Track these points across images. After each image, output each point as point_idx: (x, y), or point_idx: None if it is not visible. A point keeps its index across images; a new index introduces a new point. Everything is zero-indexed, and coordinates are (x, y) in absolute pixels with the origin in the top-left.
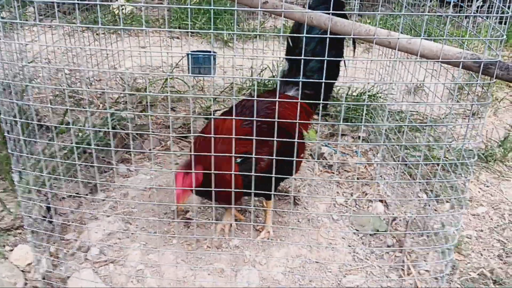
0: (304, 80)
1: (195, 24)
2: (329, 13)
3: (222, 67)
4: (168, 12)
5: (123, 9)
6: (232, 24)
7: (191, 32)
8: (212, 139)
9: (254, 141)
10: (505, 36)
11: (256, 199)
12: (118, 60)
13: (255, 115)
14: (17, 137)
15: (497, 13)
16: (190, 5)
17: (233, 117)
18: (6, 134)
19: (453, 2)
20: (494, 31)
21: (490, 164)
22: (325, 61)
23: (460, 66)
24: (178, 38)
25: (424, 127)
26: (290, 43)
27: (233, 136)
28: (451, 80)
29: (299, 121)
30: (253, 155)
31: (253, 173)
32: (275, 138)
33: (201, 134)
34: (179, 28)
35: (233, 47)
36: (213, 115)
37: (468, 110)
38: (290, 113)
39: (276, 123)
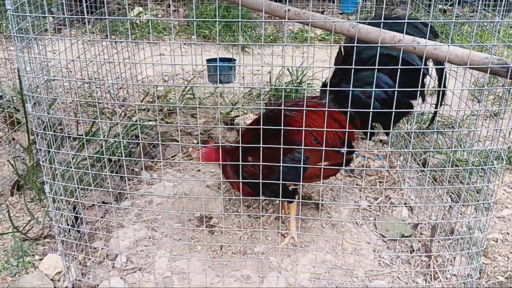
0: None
1: (212, 31)
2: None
3: (240, 72)
4: (185, 19)
5: (140, 17)
6: (248, 30)
7: (208, 37)
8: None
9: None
10: None
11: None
12: (140, 69)
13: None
14: (47, 149)
15: None
16: (205, 12)
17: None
18: (38, 146)
19: (470, 1)
20: None
21: None
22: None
23: (488, 72)
24: (195, 45)
25: (444, 128)
26: (342, 51)
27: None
28: (471, 80)
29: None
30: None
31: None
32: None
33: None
34: (197, 35)
35: (251, 53)
36: (233, 121)
37: (486, 109)
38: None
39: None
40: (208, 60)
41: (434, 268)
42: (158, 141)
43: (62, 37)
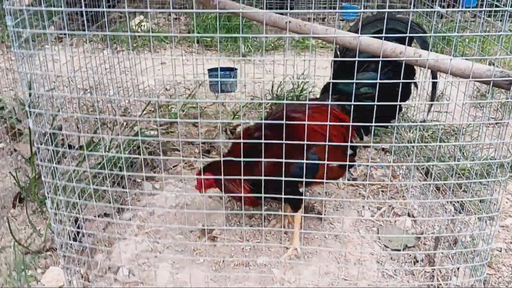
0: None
1: (213, 39)
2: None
3: (242, 80)
4: (186, 27)
5: (142, 25)
6: (250, 38)
7: (210, 46)
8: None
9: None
10: None
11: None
12: (142, 77)
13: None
14: (48, 165)
15: None
16: (206, 21)
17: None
18: (39, 162)
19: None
20: None
21: None
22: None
23: (491, 85)
24: (197, 53)
25: (447, 136)
26: (338, 54)
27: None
28: (473, 88)
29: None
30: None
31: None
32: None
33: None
34: (198, 42)
35: (252, 61)
36: (235, 130)
37: (491, 118)
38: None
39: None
40: (210, 70)
41: (438, 279)
42: (160, 152)
43: (63, 46)
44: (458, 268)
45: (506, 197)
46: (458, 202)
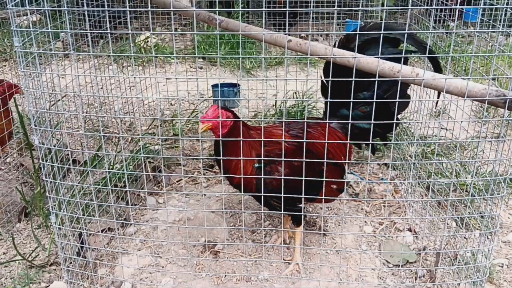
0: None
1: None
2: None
3: (246, 95)
4: (191, 43)
5: (147, 41)
6: (254, 53)
7: (215, 61)
8: None
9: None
10: None
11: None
12: (146, 92)
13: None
14: (53, 181)
15: None
16: (211, 37)
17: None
18: (44, 178)
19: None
20: None
21: None
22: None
23: (486, 103)
24: (201, 68)
25: (448, 151)
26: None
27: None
28: (477, 103)
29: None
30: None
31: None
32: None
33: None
34: (203, 58)
35: (255, 75)
36: None
37: (493, 132)
38: (323, 139)
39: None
40: (213, 86)
41: None
42: (163, 167)
43: (70, 62)
44: (459, 284)
45: (508, 212)
46: (458, 217)
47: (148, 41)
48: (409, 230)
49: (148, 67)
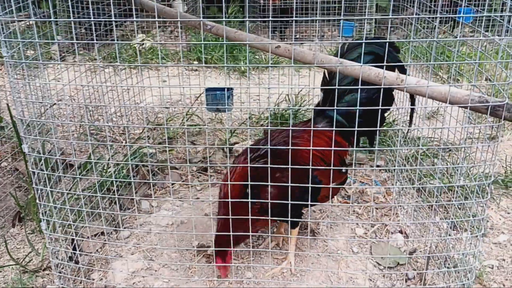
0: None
1: (212, 56)
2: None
3: (240, 98)
4: (186, 45)
5: (142, 44)
6: (249, 55)
7: (208, 65)
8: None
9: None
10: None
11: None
12: (139, 96)
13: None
14: (43, 188)
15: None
16: (206, 39)
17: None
18: (34, 185)
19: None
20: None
21: (510, 190)
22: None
23: (468, 109)
24: (196, 70)
25: (439, 152)
26: (326, 76)
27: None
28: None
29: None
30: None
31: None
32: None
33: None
34: (198, 60)
35: (248, 78)
36: (232, 148)
37: (484, 133)
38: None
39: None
40: (207, 90)
41: None
42: (157, 170)
43: (66, 66)
44: (449, 287)
45: (500, 213)
46: (447, 219)
47: (143, 44)
48: (400, 232)
49: (141, 71)
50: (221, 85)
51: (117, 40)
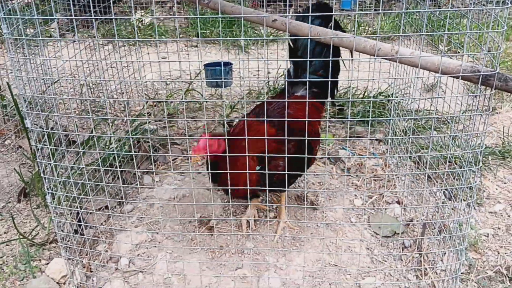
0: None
1: (212, 32)
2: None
3: (240, 73)
4: (186, 21)
5: (142, 20)
6: (249, 30)
7: (208, 39)
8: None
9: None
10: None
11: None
12: (139, 72)
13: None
14: (48, 162)
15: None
16: (206, 14)
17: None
18: (38, 160)
19: None
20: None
21: (507, 160)
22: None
23: (460, 79)
24: (196, 46)
25: (433, 122)
26: (291, 44)
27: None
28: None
29: (311, 119)
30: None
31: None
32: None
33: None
34: (197, 36)
35: (248, 53)
36: (233, 122)
37: (483, 105)
38: (302, 114)
39: (289, 125)
40: (205, 65)
41: (424, 265)
42: (159, 145)
43: (66, 43)
44: (445, 254)
45: (496, 183)
46: (442, 189)
47: (142, 20)
48: (398, 202)
49: (140, 47)
50: (220, 59)
51: (117, 19)
